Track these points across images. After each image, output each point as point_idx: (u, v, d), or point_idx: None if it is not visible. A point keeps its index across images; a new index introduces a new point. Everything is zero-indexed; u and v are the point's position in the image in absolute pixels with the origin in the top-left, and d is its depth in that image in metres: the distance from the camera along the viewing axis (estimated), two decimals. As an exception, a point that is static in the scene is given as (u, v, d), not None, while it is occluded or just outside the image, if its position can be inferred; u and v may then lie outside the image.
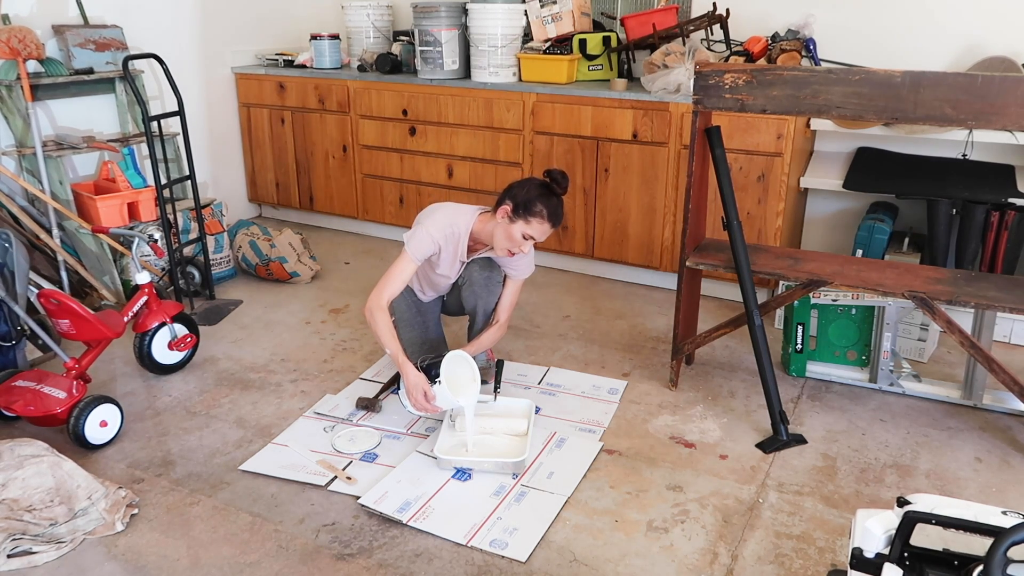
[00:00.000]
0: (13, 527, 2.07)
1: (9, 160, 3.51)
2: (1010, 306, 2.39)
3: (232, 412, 2.75)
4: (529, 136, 3.87)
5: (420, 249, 2.60)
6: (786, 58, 3.38)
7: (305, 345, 3.26)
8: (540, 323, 3.48)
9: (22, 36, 3.27)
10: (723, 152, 2.70)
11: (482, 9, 3.82)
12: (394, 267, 2.60)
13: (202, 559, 2.06)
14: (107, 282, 3.55)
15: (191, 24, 4.30)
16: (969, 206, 3.21)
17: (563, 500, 2.27)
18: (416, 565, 2.03)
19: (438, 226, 2.63)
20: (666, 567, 2.03)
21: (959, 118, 2.28)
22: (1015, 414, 2.72)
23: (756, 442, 2.58)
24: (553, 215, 2.55)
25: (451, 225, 2.64)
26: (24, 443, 2.24)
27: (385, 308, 2.57)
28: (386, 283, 2.59)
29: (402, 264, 2.60)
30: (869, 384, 2.90)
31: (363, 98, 4.26)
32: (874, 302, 2.85)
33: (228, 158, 4.72)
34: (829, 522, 2.20)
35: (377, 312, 2.56)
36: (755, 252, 2.82)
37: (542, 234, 2.56)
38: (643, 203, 3.69)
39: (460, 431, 2.53)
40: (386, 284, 2.59)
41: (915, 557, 1.47)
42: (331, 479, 2.37)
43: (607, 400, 2.83)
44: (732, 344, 3.26)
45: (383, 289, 2.58)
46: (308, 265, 3.92)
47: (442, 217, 2.65)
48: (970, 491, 2.34)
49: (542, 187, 2.56)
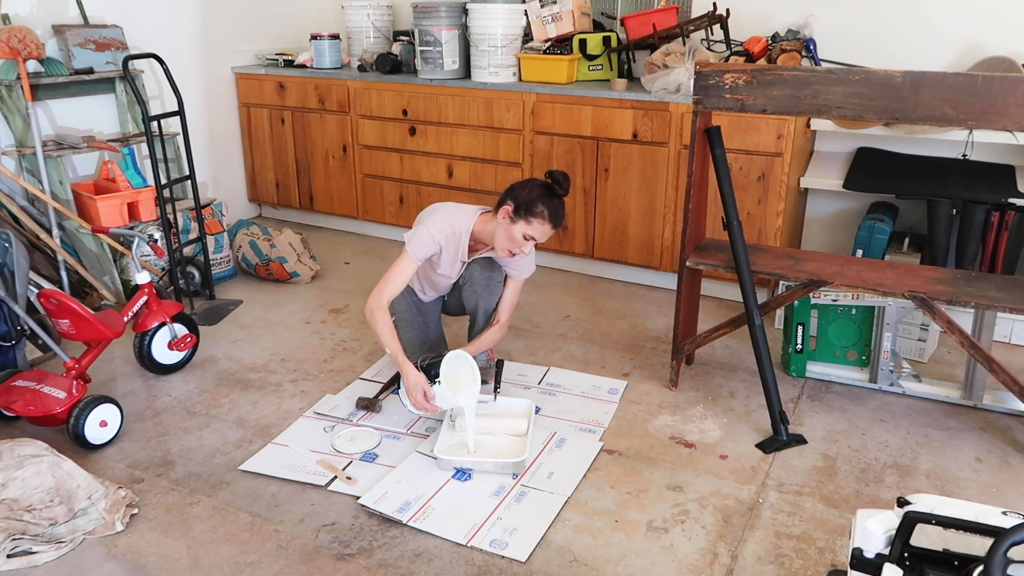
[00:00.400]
0: (13, 527, 2.07)
1: (9, 160, 3.51)
2: (1010, 306, 2.39)
3: (232, 412, 2.75)
4: (529, 136, 3.87)
5: (421, 249, 2.60)
6: (786, 58, 3.39)
7: (305, 345, 3.26)
8: (540, 323, 3.48)
9: (22, 36, 3.27)
10: (723, 152, 2.70)
11: (482, 9, 3.82)
12: (394, 267, 2.60)
13: (202, 559, 2.06)
14: (107, 282, 3.55)
15: (191, 24, 4.30)
16: (969, 206, 3.21)
17: (563, 500, 2.27)
18: (416, 565, 2.03)
19: (439, 226, 2.63)
20: (666, 567, 2.03)
21: (959, 118, 2.28)
22: (1015, 414, 2.72)
23: (756, 442, 2.58)
24: (554, 216, 2.55)
25: (452, 225, 2.64)
26: (24, 443, 2.24)
27: (385, 308, 2.57)
28: (386, 283, 2.59)
29: (402, 264, 2.60)
30: (869, 384, 2.90)
31: (363, 98, 4.26)
32: (874, 302, 2.85)
33: (228, 158, 4.72)
34: (829, 522, 2.20)
35: (377, 312, 2.56)
36: (755, 252, 2.82)
37: (543, 235, 2.57)
38: (643, 203, 3.69)
39: (460, 431, 2.53)
40: (386, 284, 2.59)
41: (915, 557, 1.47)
42: (331, 479, 2.37)
43: (607, 400, 2.83)
44: (732, 344, 3.26)
45: (383, 289, 2.58)
46: (308, 265, 3.92)
47: (443, 217, 2.65)
48: (970, 491, 2.34)
49: (544, 188, 2.56)
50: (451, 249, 2.67)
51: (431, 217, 2.67)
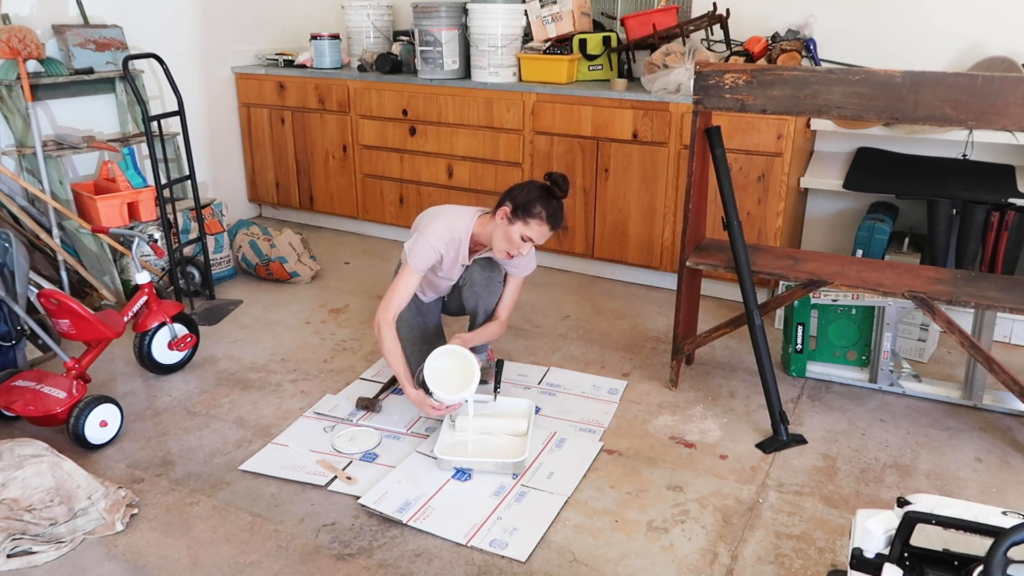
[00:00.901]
0: (13, 527, 2.07)
1: (9, 160, 3.51)
2: (1010, 306, 2.39)
3: (232, 412, 2.75)
4: (529, 136, 3.87)
5: (422, 261, 2.59)
6: (786, 58, 3.39)
7: (305, 345, 3.26)
8: (540, 323, 3.48)
9: (22, 36, 3.27)
10: (723, 152, 2.70)
11: (482, 9, 3.82)
12: (398, 280, 2.60)
13: (202, 559, 2.06)
14: (107, 282, 3.55)
15: (191, 24, 4.30)
16: (969, 206, 3.21)
17: (563, 500, 2.27)
18: (416, 565, 2.03)
19: (438, 235, 2.60)
20: (666, 567, 2.03)
21: (959, 118, 2.28)
22: (1015, 414, 2.72)
23: (756, 442, 2.58)
24: (552, 217, 2.55)
25: (451, 231, 2.62)
26: (24, 443, 2.24)
27: (392, 324, 2.57)
28: (392, 296, 2.58)
29: (405, 277, 2.59)
30: (869, 384, 2.90)
31: (363, 98, 4.26)
32: (874, 302, 2.85)
33: (228, 158, 4.72)
34: (829, 522, 2.20)
35: (384, 329, 2.56)
36: (755, 252, 2.82)
37: (540, 236, 2.56)
38: (643, 203, 3.69)
39: (460, 431, 2.53)
40: (392, 297, 2.58)
41: (915, 557, 1.47)
42: (331, 479, 2.37)
43: (607, 400, 2.83)
44: (732, 344, 3.26)
45: (390, 303, 2.58)
46: (308, 265, 3.92)
47: (441, 224, 2.63)
48: (970, 491, 2.34)
49: (542, 190, 2.56)
50: (452, 255, 2.66)
51: (430, 225, 2.63)
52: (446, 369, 2.48)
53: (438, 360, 2.48)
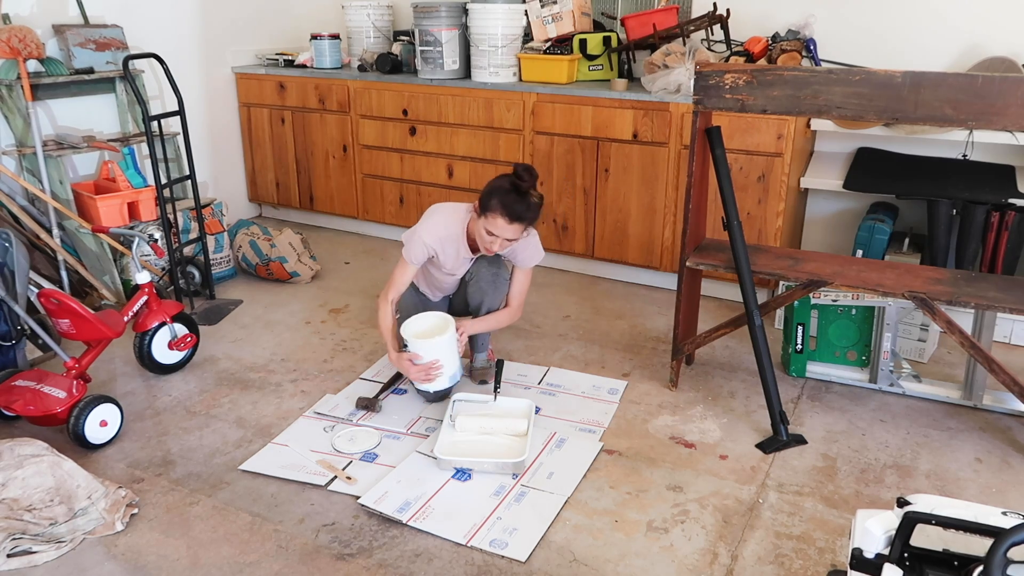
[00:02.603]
0: (13, 527, 2.08)
1: (9, 160, 3.51)
2: (1010, 306, 2.39)
3: (232, 412, 2.76)
4: (529, 136, 3.87)
5: (414, 254, 2.68)
6: (786, 58, 3.38)
7: (305, 345, 3.26)
8: (540, 323, 3.48)
9: (22, 36, 3.27)
10: (723, 152, 2.70)
11: (482, 9, 3.82)
12: (396, 270, 2.74)
13: (202, 559, 2.06)
14: (107, 282, 3.55)
15: (191, 24, 4.30)
16: (969, 206, 3.21)
17: (563, 500, 2.27)
18: (416, 565, 2.03)
19: (430, 232, 2.67)
20: (666, 567, 2.03)
21: (959, 118, 2.28)
22: (1015, 414, 2.72)
23: (756, 442, 2.58)
24: (508, 209, 2.48)
25: (445, 228, 2.68)
26: (24, 443, 2.24)
27: (389, 302, 2.73)
28: (391, 284, 2.74)
29: (400, 267, 2.73)
30: (869, 384, 2.90)
31: (363, 98, 4.26)
32: (874, 302, 2.85)
33: (228, 158, 4.72)
34: (829, 522, 2.20)
35: (381, 304, 2.74)
36: (755, 252, 2.82)
37: (502, 230, 2.52)
38: (643, 203, 3.69)
39: (461, 431, 2.54)
40: (391, 285, 2.74)
41: (915, 557, 1.47)
42: (331, 479, 2.37)
43: (607, 400, 2.83)
44: (732, 344, 3.26)
45: (389, 289, 2.75)
46: (308, 265, 3.92)
47: (435, 223, 2.70)
48: (970, 491, 2.34)
49: (505, 182, 2.54)
50: (450, 252, 2.70)
51: (426, 221, 2.71)
52: (425, 327, 2.67)
53: (416, 322, 2.69)
